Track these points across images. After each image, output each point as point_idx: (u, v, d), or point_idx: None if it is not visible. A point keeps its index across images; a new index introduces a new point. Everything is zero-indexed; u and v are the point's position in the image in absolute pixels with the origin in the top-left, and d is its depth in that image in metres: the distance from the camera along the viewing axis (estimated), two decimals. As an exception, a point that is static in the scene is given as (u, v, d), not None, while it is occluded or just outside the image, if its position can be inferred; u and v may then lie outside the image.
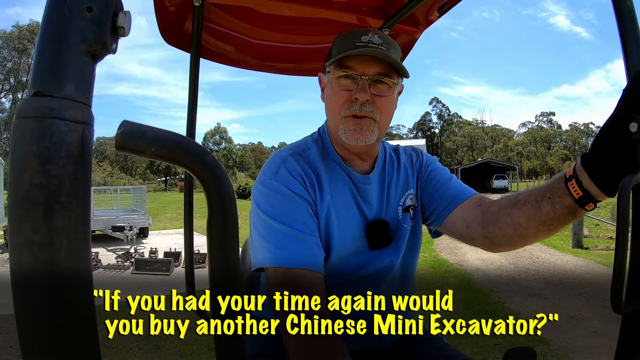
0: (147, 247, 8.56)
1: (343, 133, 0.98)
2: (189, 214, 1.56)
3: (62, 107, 0.34)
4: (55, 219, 0.33)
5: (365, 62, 0.96)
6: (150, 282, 6.21)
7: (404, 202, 1.11)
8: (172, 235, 11.50)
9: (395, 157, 1.17)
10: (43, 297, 0.33)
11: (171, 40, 1.54)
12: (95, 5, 0.36)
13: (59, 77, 0.35)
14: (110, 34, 0.37)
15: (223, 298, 0.41)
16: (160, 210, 17.51)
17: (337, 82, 0.99)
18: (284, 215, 0.93)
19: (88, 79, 0.37)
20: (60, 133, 0.33)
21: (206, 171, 0.38)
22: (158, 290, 5.64)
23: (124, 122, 0.35)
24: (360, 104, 0.96)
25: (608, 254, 7.68)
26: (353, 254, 1.04)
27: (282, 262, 0.89)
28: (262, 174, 1.01)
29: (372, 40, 0.96)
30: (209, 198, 0.39)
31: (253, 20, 1.54)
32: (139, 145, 0.35)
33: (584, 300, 5.03)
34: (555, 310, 4.62)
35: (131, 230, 9.36)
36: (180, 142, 0.37)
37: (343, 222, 1.02)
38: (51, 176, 0.33)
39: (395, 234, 1.08)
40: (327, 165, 1.06)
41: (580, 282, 5.91)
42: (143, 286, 5.96)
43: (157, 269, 6.83)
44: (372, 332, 1.01)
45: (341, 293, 0.94)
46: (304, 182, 0.99)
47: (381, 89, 0.98)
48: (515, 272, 6.66)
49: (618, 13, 0.77)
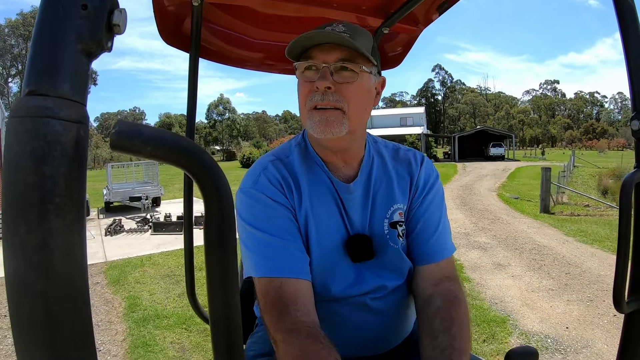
0: (161, 214, 9.50)
1: (311, 127, 0.92)
2: (189, 213, 1.57)
3: (56, 106, 0.33)
4: (50, 220, 0.32)
5: (325, 50, 0.90)
6: (167, 240, 7.27)
7: (391, 216, 1.02)
8: (182, 204, 12.30)
9: (390, 162, 1.07)
10: (38, 298, 0.32)
11: (170, 40, 1.52)
12: (90, 3, 0.36)
13: (53, 75, 0.34)
14: (106, 31, 0.37)
15: (221, 300, 0.41)
16: (169, 181, 18.54)
17: (301, 75, 0.94)
18: (265, 224, 0.91)
19: (83, 77, 0.36)
20: (54, 132, 0.33)
21: (203, 172, 0.38)
22: (174, 245, 6.77)
23: (118, 122, 0.35)
24: (322, 92, 0.89)
25: (568, 219, 8.43)
26: (334, 266, 0.98)
27: (265, 271, 0.88)
28: (244, 181, 0.98)
29: (334, 28, 0.90)
30: (206, 199, 0.39)
31: (252, 19, 1.53)
32: (135, 145, 0.34)
33: (517, 253, 5.86)
34: (488, 260, 5.53)
35: (147, 200, 10.34)
36: (177, 142, 0.36)
37: (322, 231, 0.97)
38: (45, 176, 0.32)
39: (381, 249, 1.00)
40: (309, 170, 1.00)
41: (524, 239, 6.66)
42: (161, 244, 7.04)
43: (172, 230, 7.94)
44: (369, 339, 1.01)
45: (334, 311, 0.97)
46: (282, 187, 0.96)
47: (345, 75, 0.90)
48: (472, 230, 7.55)
49: (619, 11, 0.77)
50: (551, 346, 3.22)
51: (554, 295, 4.24)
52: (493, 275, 4.98)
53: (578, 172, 21.92)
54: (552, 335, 3.38)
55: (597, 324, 3.56)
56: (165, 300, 4.41)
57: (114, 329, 3.75)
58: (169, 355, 3.23)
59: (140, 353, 3.25)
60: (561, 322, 3.61)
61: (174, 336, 3.53)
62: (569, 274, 4.91)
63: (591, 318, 3.68)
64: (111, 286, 4.95)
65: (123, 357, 3.24)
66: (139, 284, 4.96)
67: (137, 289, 4.80)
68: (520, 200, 11.47)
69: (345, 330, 0.98)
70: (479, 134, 41.71)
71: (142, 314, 4.04)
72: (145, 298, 4.48)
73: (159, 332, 3.61)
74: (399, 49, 1.76)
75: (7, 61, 58.85)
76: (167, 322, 3.81)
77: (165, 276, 5.24)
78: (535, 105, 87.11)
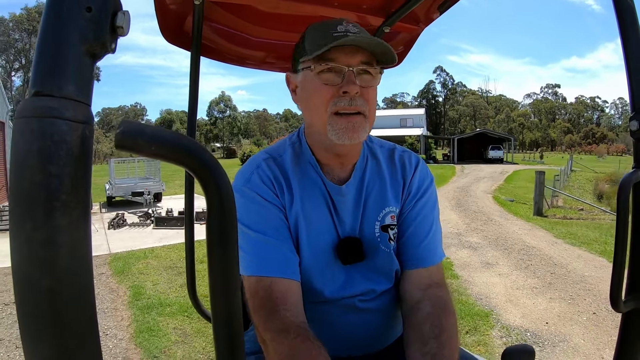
0: (163, 209, 9.76)
1: (334, 134, 0.89)
2: (190, 209, 1.57)
3: (62, 106, 0.34)
4: (56, 218, 0.33)
5: (349, 52, 0.88)
6: (169, 235, 7.52)
7: (383, 219, 1.01)
8: (182, 200, 12.46)
9: (385, 163, 1.06)
10: (44, 294, 0.33)
11: (171, 39, 1.53)
12: (94, 5, 0.37)
13: (58, 77, 0.35)
14: (110, 33, 0.38)
15: (223, 296, 0.42)
16: (169, 177, 18.66)
17: (318, 77, 0.90)
18: (257, 223, 0.91)
19: (88, 78, 0.36)
20: (60, 132, 0.34)
21: (205, 170, 0.39)
22: (175, 239, 7.00)
23: (123, 121, 0.35)
24: (350, 97, 0.88)
25: (560, 222, 8.65)
26: (325, 268, 0.97)
27: (255, 270, 0.87)
28: (237, 178, 0.98)
29: (349, 29, 0.89)
30: (208, 196, 0.40)
31: (253, 18, 1.53)
32: (139, 144, 0.35)
33: (506, 253, 6.06)
34: (477, 259, 5.74)
35: (149, 195, 10.62)
36: (180, 142, 0.37)
37: (312, 232, 0.97)
38: (52, 175, 0.33)
39: (372, 252, 1.00)
40: (301, 170, 0.99)
41: (514, 240, 6.84)
42: (163, 237, 7.29)
43: (173, 225, 8.19)
44: (359, 340, 1.01)
45: (324, 313, 0.97)
46: (273, 186, 0.96)
47: (366, 79, 0.90)
48: (464, 230, 7.75)
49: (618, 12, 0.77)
50: (530, 339, 3.43)
51: (537, 293, 4.46)
52: (481, 273, 5.19)
53: (575, 177, 22.13)
54: (531, 330, 3.59)
55: (576, 320, 3.77)
56: (168, 290, 4.64)
57: (119, 315, 3.98)
58: (172, 339, 3.45)
59: (145, 337, 3.47)
60: (542, 318, 3.82)
61: (177, 322, 3.76)
62: (554, 273, 5.12)
63: (571, 315, 3.88)
64: (116, 276, 5.18)
65: (129, 340, 3.46)
66: (143, 275, 5.19)
67: (141, 279, 5.03)
68: (515, 203, 11.67)
69: (334, 331, 0.99)
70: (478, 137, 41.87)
71: (146, 302, 4.26)
72: (149, 288, 4.71)
73: (162, 318, 3.83)
74: (400, 48, 1.77)
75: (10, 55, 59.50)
76: (170, 309, 4.04)
77: (167, 268, 5.47)
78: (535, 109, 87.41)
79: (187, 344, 3.38)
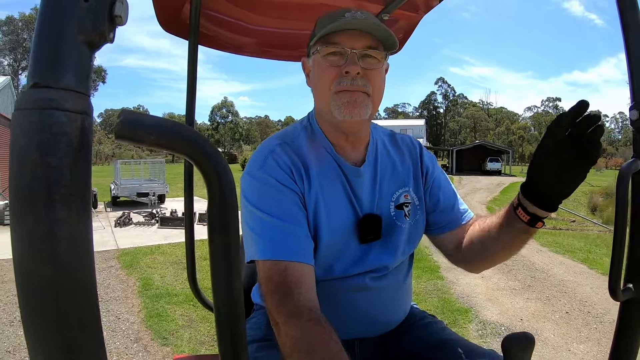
0: (167, 210, 10.17)
1: (336, 109, 0.93)
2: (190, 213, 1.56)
3: (61, 97, 0.34)
4: (57, 211, 0.33)
5: (353, 36, 0.92)
6: (173, 234, 7.91)
7: (397, 199, 1.06)
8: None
9: (391, 147, 1.12)
10: (46, 287, 0.33)
11: (169, 28, 1.52)
12: None
13: (57, 68, 0.34)
14: (108, 23, 0.37)
15: (225, 284, 0.41)
16: (172, 180, 18.80)
17: (324, 59, 0.95)
18: (272, 208, 0.91)
19: (86, 69, 0.36)
20: (59, 124, 0.33)
21: (206, 159, 0.38)
22: (180, 238, 7.29)
23: (122, 111, 0.35)
24: (352, 77, 0.92)
25: (548, 232, 8.92)
26: (342, 247, 1.00)
27: (270, 254, 0.87)
28: (250, 164, 0.98)
29: (355, 15, 0.92)
30: (209, 186, 0.39)
31: (251, 6, 1.52)
32: (138, 134, 0.35)
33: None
34: None
35: (154, 196, 10.97)
36: (179, 131, 0.37)
37: (332, 213, 0.98)
38: (51, 167, 0.33)
39: (388, 230, 1.04)
40: (317, 153, 1.01)
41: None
42: (168, 236, 7.68)
43: (177, 225, 8.54)
44: (368, 321, 1.04)
45: (333, 290, 0.99)
46: (292, 173, 0.96)
47: (371, 62, 0.94)
48: None
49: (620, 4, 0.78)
50: (503, 333, 3.78)
51: (516, 294, 4.81)
52: (465, 275, 5.49)
53: (570, 190, 22.29)
54: (506, 325, 3.94)
55: (549, 318, 4.12)
56: (174, 282, 5.01)
57: (130, 302, 4.34)
58: (179, 324, 3.81)
59: (155, 321, 3.84)
60: (517, 315, 4.17)
61: (183, 310, 4.12)
62: (534, 277, 5.47)
63: (545, 313, 4.23)
64: (125, 269, 5.55)
65: (140, 324, 3.82)
66: (150, 268, 5.56)
67: (149, 272, 5.40)
68: (508, 213, 11.91)
69: (342, 311, 1.01)
70: (477, 148, 42.29)
71: (155, 292, 4.63)
72: (157, 279, 5.08)
73: (170, 306, 4.20)
74: (399, 36, 1.75)
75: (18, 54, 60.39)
76: (177, 299, 4.40)
77: (173, 263, 5.86)
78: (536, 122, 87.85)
79: (193, 328, 3.74)
